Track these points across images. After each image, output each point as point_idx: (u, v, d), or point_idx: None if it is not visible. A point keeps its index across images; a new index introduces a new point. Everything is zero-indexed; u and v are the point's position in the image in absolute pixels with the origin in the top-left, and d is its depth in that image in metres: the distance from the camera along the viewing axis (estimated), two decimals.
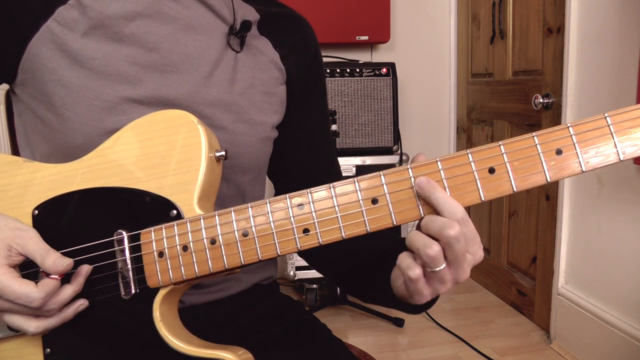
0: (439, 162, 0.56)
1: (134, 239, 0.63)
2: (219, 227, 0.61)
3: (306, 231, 0.59)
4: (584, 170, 0.52)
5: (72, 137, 0.68)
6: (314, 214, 0.58)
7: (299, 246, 0.59)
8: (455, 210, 0.54)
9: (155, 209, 0.63)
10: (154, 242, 0.62)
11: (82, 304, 0.64)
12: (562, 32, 2.06)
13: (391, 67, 2.55)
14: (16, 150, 0.79)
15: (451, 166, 0.55)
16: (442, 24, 3.02)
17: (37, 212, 0.66)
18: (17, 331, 0.65)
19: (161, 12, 0.72)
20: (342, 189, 0.58)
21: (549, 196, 2.25)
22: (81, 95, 0.68)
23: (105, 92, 0.68)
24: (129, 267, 0.63)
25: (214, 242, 0.61)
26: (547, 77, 2.21)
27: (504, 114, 2.58)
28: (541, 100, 2.16)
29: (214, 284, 0.80)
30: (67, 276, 0.62)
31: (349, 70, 2.52)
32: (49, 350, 0.66)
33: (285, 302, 0.91)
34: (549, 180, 0.53)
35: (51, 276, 0.60)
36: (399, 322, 2.39)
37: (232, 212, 0.61)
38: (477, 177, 0.55)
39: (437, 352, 2.18)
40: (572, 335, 2.09)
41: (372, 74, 2.53)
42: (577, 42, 1.99)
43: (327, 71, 2.49)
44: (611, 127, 0.52)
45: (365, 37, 2.72)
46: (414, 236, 0.56)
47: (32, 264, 0.62)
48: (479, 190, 0.55)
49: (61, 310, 0.62)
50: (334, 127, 2.36)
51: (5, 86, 0.75)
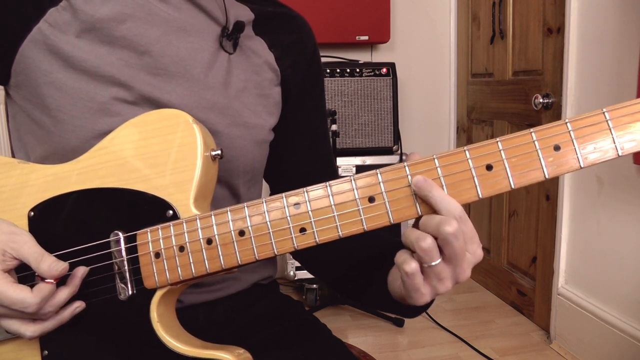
0: (436, 160, 0.55)
1: (130, 239, 0.63)
2: (215, 227, 0.60)
3: (303, 230, 0.58)
4: (582, 166, 0.52)
5: (67, 139, 0.68)
6: (310, 213, 0.58)
7: (296, 245, 0.58)
8: (452, 208, 0.54)
9: (151, 210, 0.63)
10: (150, 243, 0.62)
11: (78, 306, 0.63)
12: (562, 32, 2.06)
13: (391, 67, 2.55)
14: (14, 151, 0.78)
15: (448, 163, 0.55)
16: (442, 24, 3.02)
17: (32, 213, 0.66)
18: (14, 334, 0.65)
19: (152, 14, 0.71)
20: (339, 187, 0.57)
21: (549, 196, 2.24)
22: (75, 97, 0.67)
23: (99, 94, 0.67)
24: (126, 268, 0.63)
25: (210, 242, 0.60)
26: (547, 77, 2.21)
27: (504, 114, 2.58)
28: (541, 100, 2.15)
29: (213, 283, 0.80)
30: (63, 278, 0.62)
31: (349, 70, 2.52)
32: (46, 352, 0.66)
33: (284, 302, 0.90)
34: (547, 176, 0.53)
35: (46, 280, 0.60)
36: (399, 322, 2.39)
37: (229, 212, 0.60)
38: (474, 174, 0.54)
39: (437, 352, 2.18)
40: (572, 335, 2.09)
41: (372, 74, 2.53)
42: (577, 42, 1.99)
43: (327, 71, 2.49)
44: (609, 122, 0.51)
45: (365, 37, 2.71)
46: (408, 232, 0.56)
47: (27, 267, 0.62)
48: (476, 187, 0.54)
49: (58, 312, 0.62)
50: (334, 127, 2.36)
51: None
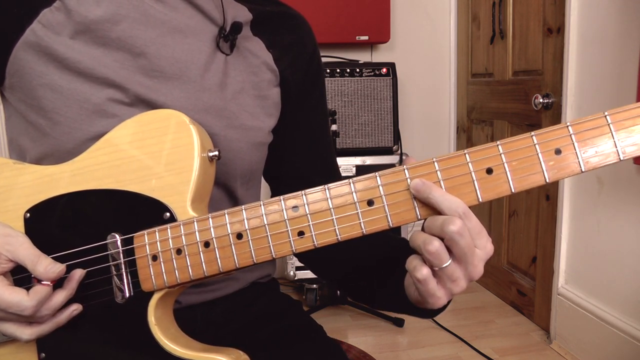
0: (435, 163, 0.55)
1: (128, 242, 0.63)
2: (212, 229, 0.60)
3: (301, 234, 0.58)
4: (583, 170, 0.51)
5: (62, 140, 0.67)
6: (308, 216, 0.57)
7: (294, 249, 0.58)
8: (455, 205, 0.53)
9: (148, 211, 0.62)
10: (147, 246, 0.62)
11: (75, 309, 0.63)
12: (562, 32, 2.06)
13: (391, 67, 2.54)
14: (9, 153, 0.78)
15: (448, 167, 0.54)
16: (442, 24, 3.01)
17: (28, 215, 0.65)
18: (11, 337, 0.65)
19: (147, 14, 0.70)
20: (337, 190, 0.57)
21: (549, 196, 2.24)
22: (70, 98, 0.66)
23: (94, 95, 0.67)
24: (123, 270, 0.62)
25: (207, 245, 0.60)
26: (547, 77, 2.20)
27: (504, 114, 2.57)
28: (541, 100, 2.15)
29: (212, 283, 0.79)
30: (60, 281, 0.61)
31: (349, 70, 2.51)
32: (43, 355, 0.65)
33: (283, 301, 0.90)
34: (547, 180, 0.52)
35: (43, 282, 0.59)
36: (399, 322, 2.39)
37: (226, 215, 0.60)
38: (474, 178, 0.54)
39: (437, 352, 2.18)
40: (572, 335, 2.08)
41: (372, 74, 2.52)
42: (577, 42, 1.98)
43: (327, 71, 2.49)
44: (611, 126, 0.51)
45: (365, 37, 2.71)
46: (414, 236, 0.55)
47: (24, 269, 0.61)
48: (476, 191, 0.54)
49: (54, 315, 0.62)
50: (334, 127, 2.36)
51: None
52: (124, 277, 0.62)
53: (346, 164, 2.50)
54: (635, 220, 1.78)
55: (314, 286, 2.58)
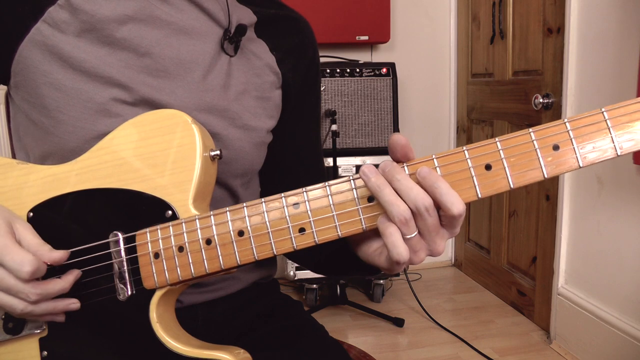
0: (435, 159, 0.55)
1: (130, 240, 0.63)
2: (214, 227, 0.60)
3: (302, 230, 0.58)
4: (581, 165, 0.52)
5: (66, 139, 0.67)
6: (309, 212, 0.58)
7: (295, 245, 0.58)
8: (455, 204, 0.53)
9: (150, 210, 0.63)
10: (149, 243, 0.62)
11: (73, 303, 0.63)
12: (562, 32, 2.06)
13: (391, 67, 2.55)
14: (14, 151, 0.78)
15: (447, 163, 0.55)
16: (442, 24, 3.02)
17: (32, 214, 0.66)
18: (13, 335, 0.65)
19: (153, 16, 0.70)
20: (338, 187, 0.57)
21: (549, 196, 2.24)
22: (74, 97, 0.67)
23: (98, 94, 0.67)
24: (125, 268, 0.63)
25: (209, 242, 0.60)
26: (547, 77, 2.21)
27: (504, 114, 2.58)
28: (541, 100, 2.15)
29: (213, 282, 0.80)
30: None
31: (349, 70, 2.52)
32: (45, 353, 0.66)
33: (283, 301, 0.91)
34: (546, 176, 0.53)
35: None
36: (399, 322, 2.39)
37: (228, 212, 0.60)
38: (473, 174, 0.54)
39: (437, 352, 2.18)
40: (572, 335, 2.09)
41: (372, 74, 2.53)
42: (577, 42, 1.98)
43: (327, 71, 2.50)
44: (608, 121, 0.51)
45: (365, 37, 2.71)
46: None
47: None
48: (475, 187, 0.54)
49: (51, 300, 0.61)
50: (334, 127, 2.36)
51: (4, 86, 0.75)
52: (126, 275, 0.63)
53: (346, 164, 2.50)
54: (635, 220, 1.78)
55: (314, 286, 2.58)
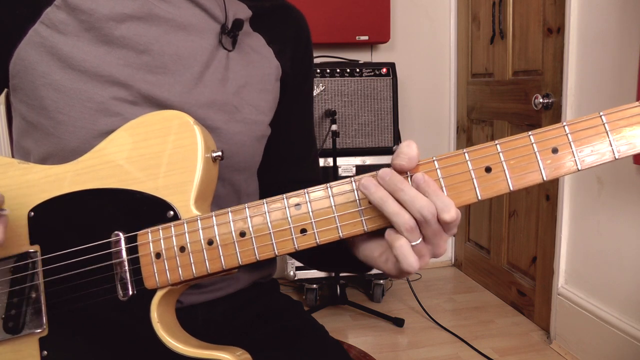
0: (435, 162, 0.56)
1: (131, 240, 0.63)
2: (216, 227, 0.60)
3: (304, 231, 0.58)
4: (579, 168, 0.53)
5: (66, 140, 0.68)
6: (311, 213, 0.58)
7: (297, 246, 0.59)
8: (446, 210, 0.53)
9: (151, 210, 0.63)
10: (151, 244, 0.62)
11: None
12: (562, 32, 2.06)
13: (391, 67, 2.55)
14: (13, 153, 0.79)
15: (448, 165, 0.55)
16: (442, 24, 3.02)
17: (32, 213, 0.66)
18: (13, 334, 0.65)
19: (151, 13, 0.71)
20: (340, 188, 0.58)
21: (549, 196, 2.24)
22: (74, 97, 0.67)
23: (98, 94, 0.67)
24: (126, 268, 0.63)
25: (211, 242, 0.61)
26: (547, 77, 2.21)
27: (504, 114, 2.58)
28: (541, 100, 2.15)
29: (213, 283, 0.80)
30: None
31: (349, 70, 2.52)
32: (45, 352, 0.66)
33: (283, 301, 0.91)
34: (545, 179, 0.53)
35: None
36: (399, 322, 2.39)
37: (230, 213, 0.60)
38: (473, 176, 0.54)
39: (437, 352, 2.18)
40: (572, 335, 2.09)
41: (372, 74, 2.53)
42: (577, 42, 1.99)
43: (327, 71, 2.49)
44: (606, 125, 0.52)
45: (365, 37, 2.71)
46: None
47: None
48: (475, 189, 0.55)
49: None
50: (334, 127, 2.36)
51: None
52: (127, 274, 0.63)
53: (346, 164, 2.51)
54: (635, 220, 1.78)
55: (314, 286, 2.58)
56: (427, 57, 3.02)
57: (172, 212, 0.63)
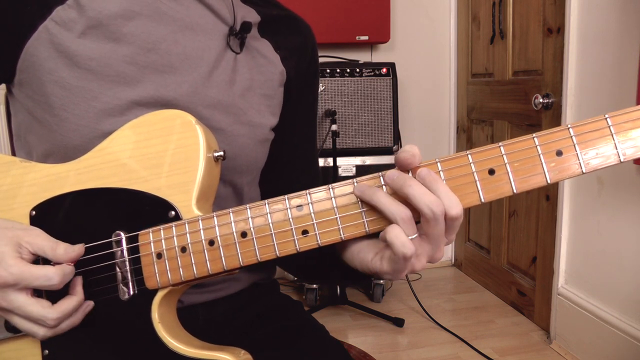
0: (438, 163, 0.55)
1: (132, 240, 0.63)
2: (217, 228, 0.60)
3: (305, 232, 0.58)
4: (584, 171, 0.52)
5: (69, 138, 0.67)
6: (312, 215, 0.58)
7: (298, 247, 0.59)
8: (453, 207, 0.54)
9: (153, 210, 0.63)
10: (152, 244, 0.62)
11: (88, 306, 0.63)
12: (562, 32, 2.06)
13: (391, 67, 2.55)
14: (15, 150, 0.78)
15: (451, 167, 0.55)
16: (442, 24, 3.02)
17: (34, 212, 0.66)
18: (14, 333, 0.65)
19: (160, 11, 0.71)
20: (341, 190, 0.58)
21: (549, 196, 2.24)
22: (79, 96, 0.67)
23: (103, 94, 0.67)
24: (127, 268, 0.63)
25: (212, 243, 0.60)
26: (547, 77, 2.21)
27: (504, 114, 2.58)
28: (541, 100, 2.15)
29: (214, 283, 0.80)
30: (65, 290, 0.62)
31: (349, 70, 2.52)
32: (47, 351, 0.66)
33: (284, 301, 0.91)
34: (549, 181, 0.53)
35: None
36: (399, 322, 2.39)
37: (231, 213, 0.60)
38: (477, 179, 0.54)
39: (437, 352, 2.18)
40: (572, 335, 2.09)
41: (372, 74, 2.53)
42: (577, 42, 1.99)
43: (327, 71, 2.50)
44: (612, 128, 0.51)
45: (365, 37, 2.71)
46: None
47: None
48: (478, 191, 0.54)
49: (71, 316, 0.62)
50: (334, 127, 2.36)
51: (4, 86, 0.75)
52: (129, 274, 0.63)
53: (346, 164, 2.51)
54: (635, 220, 1.78)
55: (314, 286, 2.58)
56: (427, 57, 3.02)
57: (173, 212, 0.62)
